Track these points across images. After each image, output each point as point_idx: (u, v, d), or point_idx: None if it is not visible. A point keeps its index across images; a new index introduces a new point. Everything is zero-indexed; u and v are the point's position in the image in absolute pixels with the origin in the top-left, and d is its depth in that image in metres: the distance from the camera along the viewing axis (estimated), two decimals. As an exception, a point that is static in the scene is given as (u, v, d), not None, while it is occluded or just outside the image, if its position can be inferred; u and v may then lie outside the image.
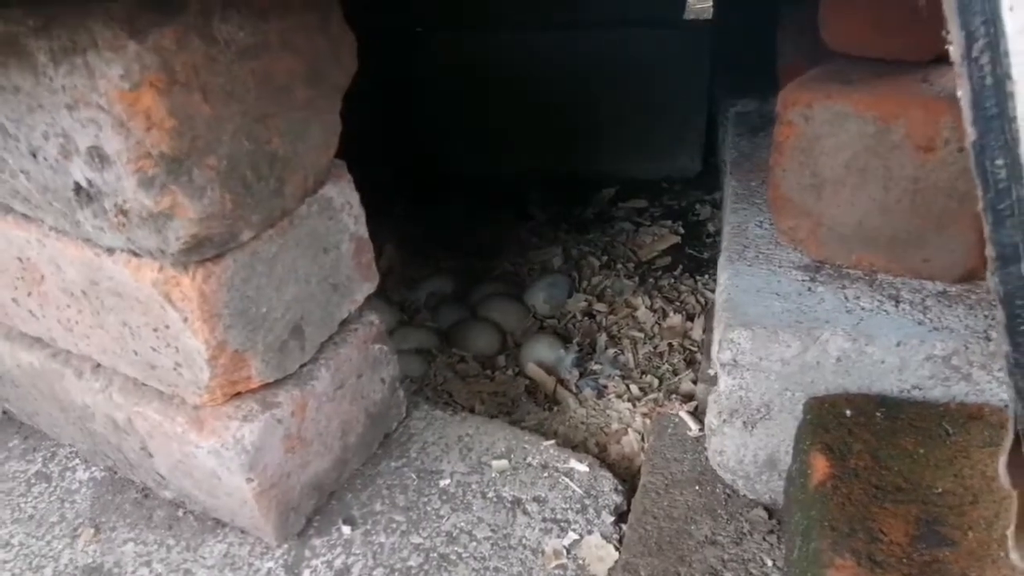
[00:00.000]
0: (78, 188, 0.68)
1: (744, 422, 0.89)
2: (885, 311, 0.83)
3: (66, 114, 0.61)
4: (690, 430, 1.07)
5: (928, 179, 0.79)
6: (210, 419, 0.82)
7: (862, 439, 0.72)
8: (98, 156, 0.63)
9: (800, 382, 0.83)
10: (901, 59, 0.85)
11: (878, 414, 0.75)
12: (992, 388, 0.76)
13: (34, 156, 0.68)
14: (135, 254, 0.73)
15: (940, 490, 0.66)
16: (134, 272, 0.73)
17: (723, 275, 0.95)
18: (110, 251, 0.74)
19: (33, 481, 1.07)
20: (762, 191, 1.13)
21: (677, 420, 1.10)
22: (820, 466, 0.70)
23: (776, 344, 0.82)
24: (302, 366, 0.89)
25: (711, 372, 1.21)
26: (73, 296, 0.82)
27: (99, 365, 0.91)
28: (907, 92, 0.79)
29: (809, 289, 0.88)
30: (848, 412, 0.76)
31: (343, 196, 0.87)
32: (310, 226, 0.83)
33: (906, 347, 0.77)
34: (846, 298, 0.86)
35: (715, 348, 0.87)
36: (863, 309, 0.84)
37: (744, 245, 0.99)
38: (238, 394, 0.84)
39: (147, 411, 0.86)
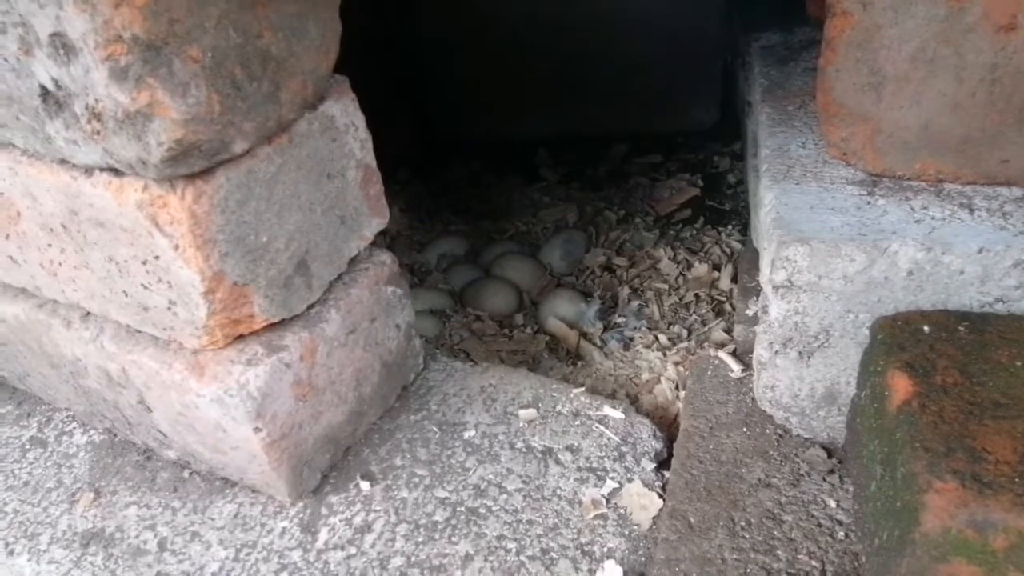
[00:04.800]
0: (45, 93, 0.59)
1: (800, 352, 0.80)
2: (959, 219, 0.74)
3: (23, -5, 0.53)
4: (732, 371, 0.99)
5: (1009, 64, 0.70)
6: (211, 364, 0.75)
7: (947, 355, 0.64)
8: (62, 45, 0.54)
9: (865, 302, 0.74)
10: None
11: (960, 328, 0.67)
12: (1089, 296, 0.68)
13: (-5, 60, 0.60)
14: (115, 172, 0.64)
15: (1045, 405, 0.58)
16: (116, 194, 0.65)
17: (768, 195, 0.86)
18: (88, 172, 0.66)
19: (28, 447, 1.00)
20: (800, 115, 1.04)
21: (717, 363, 1.02)
22: (901, 386, 0.62)
23: (838, 259, 0.73)
24: (310, 307, 0.81)
25: (748, 312, 1.13)
26: (53, 232, 0.74)
27: (88, 313, 0.83)
28: (982, -35, 0.69)
29: (868, 203, 0.79)
30: (926, 328, 0.67)
31: (347, 116, 0.79)
32: (312, 146, 0.74)
33: (990, 253, 0.68)
34: (912, 209, 0.77)
35: (765, 271, 0.79)
36: (933, 219, 0.75)
37: (788, 165, 0.90)
38: (240, 337, 0.76)
39: (142, 359, 0.78)
